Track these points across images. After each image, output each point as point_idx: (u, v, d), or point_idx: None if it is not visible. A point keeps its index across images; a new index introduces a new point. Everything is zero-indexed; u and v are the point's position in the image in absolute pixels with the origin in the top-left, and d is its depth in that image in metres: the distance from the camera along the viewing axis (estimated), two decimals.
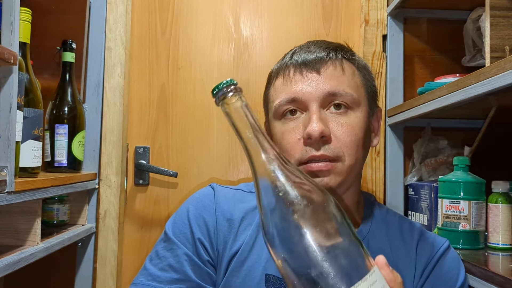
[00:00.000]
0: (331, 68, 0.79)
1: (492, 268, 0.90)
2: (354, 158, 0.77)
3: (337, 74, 0.79)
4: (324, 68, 0.79)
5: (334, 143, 0.76)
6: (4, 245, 1.00)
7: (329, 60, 0.80)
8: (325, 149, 0.75)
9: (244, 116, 0.56)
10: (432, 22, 1.55)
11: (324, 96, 0.77)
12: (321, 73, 0.79)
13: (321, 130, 0.74)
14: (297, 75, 0.80)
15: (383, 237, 0.84)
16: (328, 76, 0.78)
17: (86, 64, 1.43)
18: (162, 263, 0.79)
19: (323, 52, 0.80)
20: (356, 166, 0.79)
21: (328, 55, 0.80)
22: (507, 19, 0.98)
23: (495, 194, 1.10)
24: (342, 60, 0.81)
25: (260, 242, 0.80)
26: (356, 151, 0.77)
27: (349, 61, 0.82)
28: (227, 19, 1.56)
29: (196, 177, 1.52)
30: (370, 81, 0.85)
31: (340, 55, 0.81)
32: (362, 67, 0.84)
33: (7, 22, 0.88)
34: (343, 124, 0.77)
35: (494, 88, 0.87)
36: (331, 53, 0.80)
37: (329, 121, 0.77)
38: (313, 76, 0.78)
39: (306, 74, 0.79)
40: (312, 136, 0.74)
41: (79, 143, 1.32)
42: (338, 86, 0.78)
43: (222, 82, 0.57)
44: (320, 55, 0.80)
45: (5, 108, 0.86)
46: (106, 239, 1.42)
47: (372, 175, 1.50)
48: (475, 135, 1.35)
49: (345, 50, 0.84)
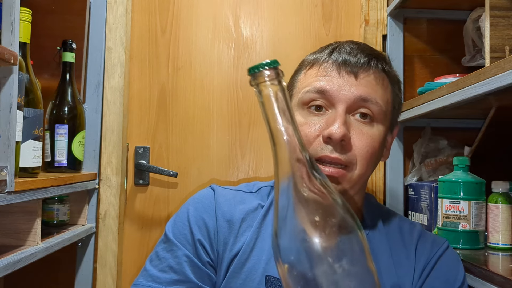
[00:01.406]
0: (371, 76, 0.78)
1: (492, 268, 0.90)
2: (365, 169, 0.77)
3: (373, 83, 0.78)
4: (363, 74, 0.78)
5: (350, 150, 0.75)
6: (4, 245, 1.00)
7: (370, 68, 0.79)
8: (340, 154, 0.74)
9: (275, 103, 0.51)
10: (432, 22, 1.55)
11: (354, 99, 0.76)
12: (358, 78, 0.77)
13: (343, 133, 0.73)
14: (334, 72, 0.78)
15: (383, 238, 0.84)
16: (364, 83, 0.77)
17: (86, 64, 1.43)
18: (162, 264, 0.79)
19: (366, 57, 0.79)
20: (365, 177, 0.79)
21: (370, 63, 0.79)
22: (507, 19, 0.98)
23: (495, 194, 1.10)
24: (381, 71, 0.80)
25: (261, 243, 0.80)
26: (368, 163, 0.77)
27: (386, 74, 0.81)
28: (227, 19, 1.56)
29: (196, 177, 1.52)
30: (399, 97, 0.85)
31: (381, 65, 0.80)
32: (396, 82, 0.84)
33: (7, 22, 0.88)
34: (365, 134, 0.76)
35: (494, 88, 0.87)
36: (372, 61, 0.79)
37: (352, 127, 0.76)
38: (350, 78, 0.77)
39: (343, 74, 0.78)
40: (333, 137, 0.73)
41: (79, 143, 1.32)
42: (371, 94, 0.77)
43: (263, 62, 0.51)
44: (362, 60, 0.78)
45: (5, 108, 0.86)
46: (106, 239, 1.42)
47: (372, 175, 1.49)
48: (475, 135, 1.35)
49: (386, 62, 0.83)
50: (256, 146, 1.53)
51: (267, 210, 0.84)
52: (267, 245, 0.80)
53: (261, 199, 0.86)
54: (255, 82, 0.52)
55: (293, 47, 1.56)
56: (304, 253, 0.48)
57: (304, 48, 1.54)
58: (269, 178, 1.06)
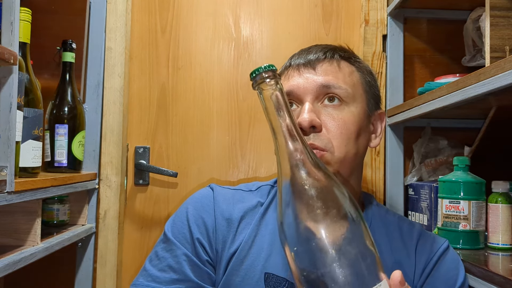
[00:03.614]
0: (327, 65, 0.82)
1: (492, 268, 0.90)
2: (343, 151, 0.78)
3: (333, 70, 0.82)
4: (319, 65, 0.82)
5: (323, 134, 0.77)
6: (4, 245, 1.00)
7: (326, 58, 0.83)
8: (314, 139, 0.77)
9: (275, 103, 0.58)
10: (432, 22, 1.55)
11: (317, 88, 0.80)
12: (317, 69, 0.82)
13: (310, 119, 0.76)
14: (295, 72, 0.83)
15: (383, 238, 0.84)
16: (323, 72, 0.81)
17: (86, 64, 1.43)
18: (161, 264, 0.79)
19: (321, 51, 0.84)
20: (347, 160, 0.79)
21: (325, 54, 0.83)
22: (507, 19, 0.98)
23: (495, 194, 1.10)
24: (339, 59, 0.84)
25: (260, 240, 0.80)
26: (346, 144, 0.78)
27: (347, 61, 0.85)
28: (227, 19, 1.56)
29: (196, 177, 1.52)
30: (371, 83, 0.87)
31: (337, 55, 0.84)
32: (364, 69, 0.87)
33: (7, 22, 0.88)
34: (335, 117, 0.79)
35: (494, 88, 0.87)
36: (328, 52, 0.84)
37: (321, 113, 0.79)
38: (309, 72, 0.82)
39: (303, 71, 0.82)
40: (302, 125, 0.76)
41: (79, 143, 1.32)
42: (332, 79, 0.80)
43: (261, 66, 0.59)
44: (318, 55, 0.83)
45: (5, 108, 0.86)
46: (106, 239, 1.42)
47: (372, 175, 1.50)
48: (475, 135, 1.35)
49: (344, 50, 0.87)
50: (256, 146, 1.53)
51: (267, 208, 0.84)
52: (266, 242, 0.80)
53: (260, 196, 0.86)
54: (256, 85, 0.59)
55: (293, 47, 1.54)
56: (309, 242, 0.52)
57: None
58: (269, 178, 1.06)
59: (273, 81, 0.58)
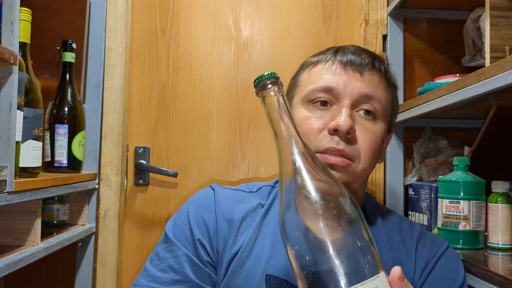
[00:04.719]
0: (373, 75, 0.81)
1: (492, 268, 0.90)
2: (367, 164, 0.79)
3: (376, 82, 0.82)
4: (367, 72, 0.81)
5: (355, 144, 0.77)
6: (4, 245, 1.00)
7: (373, 68, 0.82)
8: (345, 146, 0.76)
9: (278, 109, 0.60)
10: (432, 22, 1.55)
11: (359, 95, 0.79)
12: (364, 76, 0.80)
13: (350, 125, 0.75)
14: (340, 70, 0.81)
15: (383, 238, 0.84)
16: (368, 81, 0.80)
17: (86, 64, 1.43)
18: (162, 264, 0.79)
19: (370, 58, 0.83)
20: (366, 172, 0.80)
21: (373, 63, 0.82)
22: (507, 19, 0.98)
23: (495, 194, 1.10)
24: (383, 73, 0.84)
25: (261, 242, 0.80)
26: (371, 158, 0.79)
27: (387, 76, 0.85)
28: (227, 19, 1.56)
29: (196, 177, 1.52)
30: (396, 101, 0.88)
31: (383, 67, 0.84)
32: (394, 86, 0.88)
33: (7, 22, 0.88)
34: (368, 129, 0.79)
35: (494, 88, 0.87)
36: (376, 61, 0.83)
37: (356, 122, 0.78)
38: (355, 75, 0.80)
39: (349, 71, 0.80)
40: (340, 129, 0.75)
41: (79, 143, 1.32)
42: (375, 92, 0.80)
43: (264, 74, 0.61)
44: (367, 60, 0.82)
45: (5, 108, 0.86)
46: (106, 239, 1.42)
47: (372, 175, 1.50)
48: (475, 135, 1.35)
49: (387, 65, 0.87)
50: (256, 146, 1.53)
51: (268, 210, 0.84)
52: (267, 244, 0.80)
53: (261, 198, 0.86)
54: (259, 91, 0.61)
55: (293, 47, 1.56)
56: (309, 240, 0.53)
57: (304, 48, 1.54)
58: (269, 178, 1.06)
59: (275, 88, 0.61)
